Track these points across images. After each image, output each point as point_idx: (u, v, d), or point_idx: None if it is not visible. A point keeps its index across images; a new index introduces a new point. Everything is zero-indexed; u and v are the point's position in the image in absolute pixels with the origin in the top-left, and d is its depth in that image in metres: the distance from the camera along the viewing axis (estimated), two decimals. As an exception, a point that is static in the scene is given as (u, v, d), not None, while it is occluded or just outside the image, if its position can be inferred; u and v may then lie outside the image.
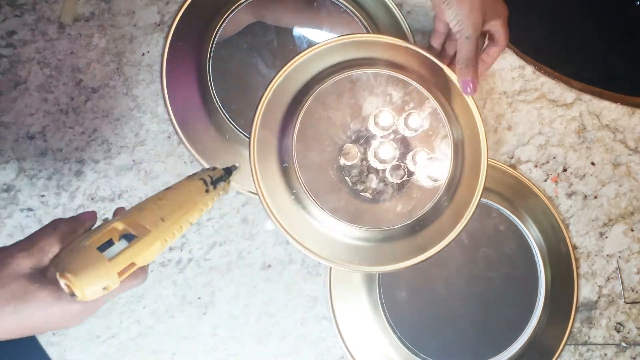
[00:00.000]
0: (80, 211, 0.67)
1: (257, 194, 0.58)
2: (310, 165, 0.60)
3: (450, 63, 0.62)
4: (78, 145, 0.67)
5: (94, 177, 0.67)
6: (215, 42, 0.66)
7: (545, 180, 0.73)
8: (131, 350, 0.66)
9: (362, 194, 0.62)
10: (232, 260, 0.68)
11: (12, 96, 0.66)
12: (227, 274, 0.68)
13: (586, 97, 0.74)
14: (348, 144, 0.62)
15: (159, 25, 0.69)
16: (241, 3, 0.66)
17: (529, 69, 0.74)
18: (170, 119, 0.67)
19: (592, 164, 0.74)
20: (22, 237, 0.64)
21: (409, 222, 0.61)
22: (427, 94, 0.61)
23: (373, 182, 0.63)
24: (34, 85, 0.67)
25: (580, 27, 0.77)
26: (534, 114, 0.74)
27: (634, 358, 0.73)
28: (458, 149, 0.61)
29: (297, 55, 0.60)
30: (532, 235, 0.70)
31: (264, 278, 0.69)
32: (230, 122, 0.66)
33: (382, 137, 0.63)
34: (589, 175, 0.74)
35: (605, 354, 0.72)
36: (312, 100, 0.60)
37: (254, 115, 0.58)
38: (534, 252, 0.70)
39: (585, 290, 0.73)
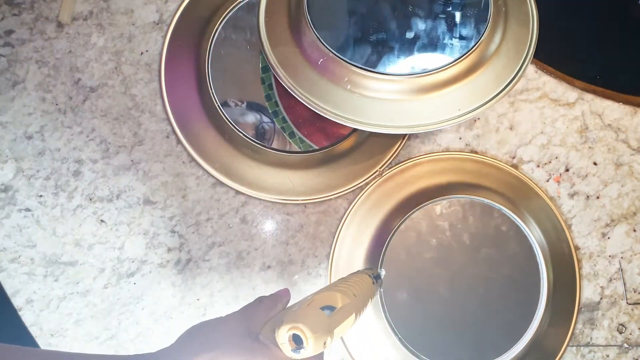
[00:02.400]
0: (78, 212, 0.66)
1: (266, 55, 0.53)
2: (329, 20, 0.53)
3: None
4: (76, 145, 0.67)
5: (92, 177, 0.67)
6: (214, 41, 0.66)
7: (547, 181, 0.73)
8: (130, 352, 0.66)
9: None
10: (231, 261, 0.68)
11: (10, 95, 0.66)
12: (226, 275, 0.68)
13: (588, 96, 0.74)
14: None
15: (157, 24, 0.69)
16: (240, 2, 0.66)
17: (530, 68, 0.73)
18: (169, 119, 0.66)
19: (595, 164, 0.74)
20: (20, 238, 0.65)
21: (475, 46, 0.54)
22: None
23: None
24: (32, 84, 0.66)
25: (582, 26, 0.77)
26: (536, 114, 0.73)
27: (637, 359, 0.72)
28: None
29: None
30: (534, 235, 0.69)
31: (263, 279, 0.68)
32: (229, 121, 0.65)
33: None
34: (591, 175, 0.74)
35: (608, 355, 0.72)
36: None
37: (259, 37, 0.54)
38: (536, 253, 0.69)
39: (587, 291, 0.72)
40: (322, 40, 0.54)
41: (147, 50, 0.68)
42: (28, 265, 0.65)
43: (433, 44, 0.56)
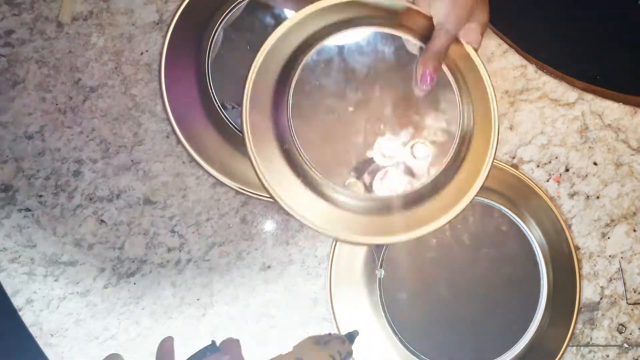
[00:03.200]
0: (78, 212, 0.66)
1: (261, 182, 0.55)
2: (313, 141, 0.56)
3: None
4: (76, 145, 0.67)
5: (92, 176, 0.67)
6: (214, 41, 0.66)
7: (547, 181, 0.73)
8: (130, 352, 0.66)
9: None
10: (231, 261, 0.68)
11: (10, 96, 0.66)
12: (226, 275, 0.68)
13: (588, 96, 0.74)
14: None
15: (157, 24, 0.69)
16: (240, 2, 0.66)
17: (530, 68, 0.73)
18: (169, 119, 0.66)
19: (595, 164, 0.74)
20: (20, 238, 0.65)
21: (429, 181, 0.57)
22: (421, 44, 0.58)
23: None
24: (32, 84, 0.66)
25: (582, 26, 0.77)
26: (536, 114, 0.73)
27: (637, 359, 0.72)
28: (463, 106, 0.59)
29: (277, 28, 0.57)
30: (534, 235, 0.69)
31: (263, 279, 0.68)
32: (229, 121, 0.65)
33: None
34: (591, 175, 0.74)
35: (608, 355, 0.72)
36: (300, 73, 0.57)
37: (242, 100, 0.55)
38: (536, 253, 0.69)
39: (587, 291, 0.72)
40: (291, 127, 0.56)
41: (147, 51, 0.68)
42: (28, 265, 0.65)
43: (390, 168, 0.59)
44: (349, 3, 0.59)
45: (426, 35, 0.58)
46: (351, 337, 0.52)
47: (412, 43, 0.59)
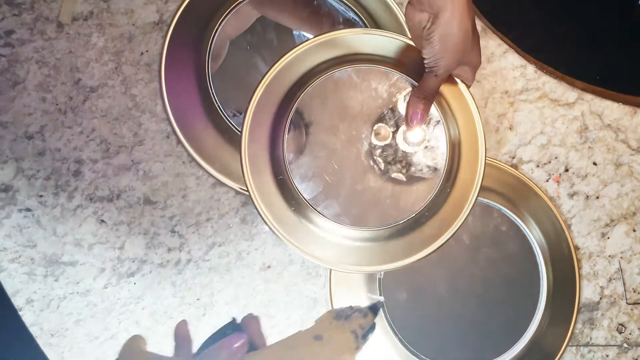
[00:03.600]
0: (78, 212, 0.66)
1: (256, 209, 0.58)
2: (306, 174, 0.60)
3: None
4: (76, 145, 0.67)
5: (92, 176, 0.67)
6: (214, 41, 0.66)
7: (547, 181, 0.73)
8: (130, 352, 0.66)
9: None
10: (231, 261, 0.68)
11: (10, 96, 0.66)
12: (226, 275, 0.68)
13: (588, 96, 0.74)
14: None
15: (157, 24, 0.69)
16: (240, 2, 0.66)
17: (530, 68, 0.74)
18: (169, 119, 0.66)
19: (594, 164, 0.74)
20: (20, 238, 0.65)
21: (414, 214, 0.60)
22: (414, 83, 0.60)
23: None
24: (32, 84, 0.66)
25: (582, 27, 0.77)
26: (535, 114, 0.73)
27: (636, 359, 0.72)
28: (452, 140, 0.61)
29: (275, 63, 0.59)
30: (533, 235, 0.69)
31: (263, 279, 0.68)
32: (229, 121, 0.66)
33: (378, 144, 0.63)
34: (591, 175, 0.74)
35: (607, 355, 0.72)
36: (297, 107, 0.59)
37: (242, 130, 0.58)
38: (536, 253, 0.69)
39: (587, 291, 0.72)
40: (285, 160, 0.58)
41: (147, 51, 0.68)
42: (28, 265, 0.65)
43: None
44: (348, 38, 0.60)
45: (418, 70, 0.60)
46: (375, 308, 0.52)
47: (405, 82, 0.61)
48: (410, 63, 0.60)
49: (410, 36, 0.59)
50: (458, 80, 0.60)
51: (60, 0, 0.67)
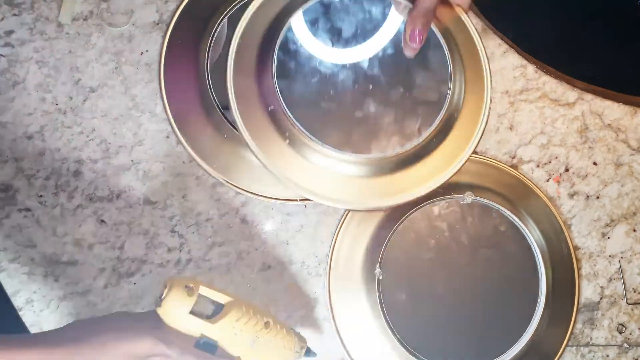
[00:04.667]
0: (78, 212, 0.66)
1: (248, 146, 0.55)
2: (299, 102, 0.56)
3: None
4: (76, 145, 0.67)
5: (92, 176, 0.67)
6: (213, 41, 0.66)
7: (547, 181, 0.73)
8: (130, 351, 0.66)
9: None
10: (231, 261, 0.68)
11: (10, 96, 0.66)
12: (226, 275, 0.68)
13: (588, 96, 0.74)
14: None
15: (157, 24, 0.69)
16: (239, 2, 0.66)
17: (530, 68, 0.73)
18: (169, 119, 0.66)
19: (594, 164, 0.74)
20: (20, 238, 0.65)
21: (422, 139, 0.56)
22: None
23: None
24: (32, 84, 0.67)
25: (582, 26, 0.77)
26: (535, 114, 0.73)
27: (637, 359, 0.72)
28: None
29: None
30: (533, 236, 0.69)
31: (263, 279, 0.68)
32: (228, 121, 0.65)
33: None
34: (591, 175, 0.74)
35: (607, 355, 0.72)
36: (285, 34, 0.56)
37: (226, 63, 0.55)
38: (535, 253, 0.69)
39: (587, 291, 0.72)
40: (276, 87, 0.55)
41: (147, 51, 0.68)
42: (28, 265, 0.66)
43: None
44: None
45: None
46: (308, 351, 0.59)
47: (401, 4, 0.59)
48: None
49: None
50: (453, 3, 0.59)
51: (60, 0, 0.67)
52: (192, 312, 0.49)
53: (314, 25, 0.58)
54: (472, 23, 0.59)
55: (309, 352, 0.59)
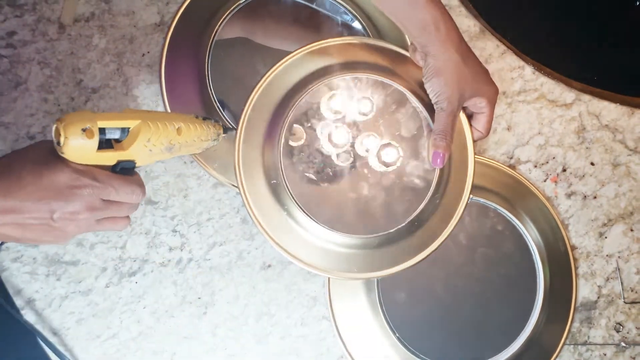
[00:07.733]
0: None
1: (248, 213, 0.59)
2: (300, 179, 0.61)
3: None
4: (78, 146, 0.67)
5: (94, 177, 0.67)
6: (214, 43, 0.66)
7: (544, 181, 0.74)
8: (131, 350, 0.66)
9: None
10: (232, 261, 0.69)
11: (12, 96, 0.66)
12: (227, 274, 0.68)
13: (586, 97, 0.74)
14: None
15: (159, 25, 0.69)
16: (240, 4, 0.66)
17: (528, 69, 0.74)
18: (170, 120, 0.67)
19: (592, 164, 0.74)
20: (22, 237, 0.65)
21: (404, 224, 0.61)
22: (409, 95, 0.61)
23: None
24: (34, 85, 0.67)
25: (580, 27, 0.77)
26: (533, 114, 0.74)
27: (634, 358, 0.73)
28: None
29: (270, 69, 0.60)
30: (530, 235, 0.70)
31: (263, 278, 0.69)
32: (228, 121, 0.66)
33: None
34: (589, 175, 0.74)
35: (605, 354, 0.72)
36: (294, 113, 0.60)
37: (236, 134, 0.59)
38: (533, 253, 0.70)
39: (584, 290, 0.73)
40: (281, 164, 0.60)
41: (148, 52, 0.69)
42: (30, 264, 0.66)
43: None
44: (348, 45, 0.62)
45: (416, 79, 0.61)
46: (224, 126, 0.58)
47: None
48: (408, 74, 0.62)
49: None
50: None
51: (61, 2, 0.68)
52: (99, 149, 0.46)
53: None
54: (469, 121, 0.63)
55: (226, 130, 0.59)
